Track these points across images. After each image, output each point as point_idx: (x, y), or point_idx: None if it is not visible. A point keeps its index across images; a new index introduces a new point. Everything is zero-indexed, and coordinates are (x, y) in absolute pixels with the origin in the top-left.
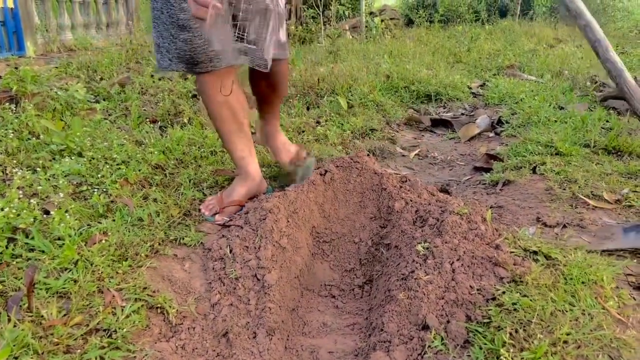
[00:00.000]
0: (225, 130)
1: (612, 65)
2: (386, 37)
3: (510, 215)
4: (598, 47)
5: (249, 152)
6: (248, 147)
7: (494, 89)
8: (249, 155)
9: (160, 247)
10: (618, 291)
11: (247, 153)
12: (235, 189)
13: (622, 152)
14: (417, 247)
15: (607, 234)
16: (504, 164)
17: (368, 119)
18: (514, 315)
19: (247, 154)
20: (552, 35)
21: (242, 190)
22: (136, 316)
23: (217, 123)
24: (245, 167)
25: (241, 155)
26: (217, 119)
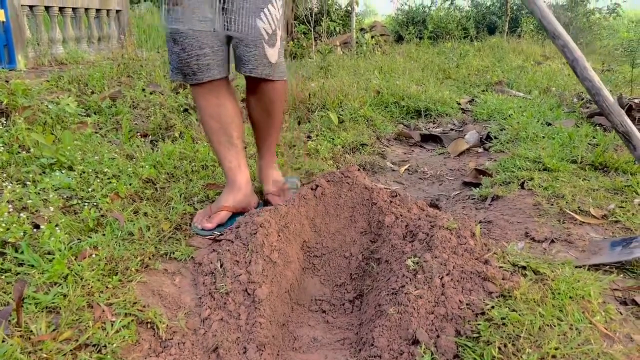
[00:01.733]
0: (215, 140)
1: (589, 84)
2: (376, 53)
3: (499, 230)
4: (576, 66)
5: (237, 163)
6: (237, 158)
7: (483, 104)
8: (237, 166)
9: (151, 261)
10: (605, 306)
11: (236, 164)
12: (222, 197)
13: (609, 168)
14: (407, 261)
15: (595, 249)
16: (492, 179)
17: (358, 133)
18: (502, 330)
19: (236, 165)
20: (540, 52)
21: (229, 197)
22: (126, 331)
23: (208, 133)
24: (233, 177)
25: (229, 166)
26: (208, 129)
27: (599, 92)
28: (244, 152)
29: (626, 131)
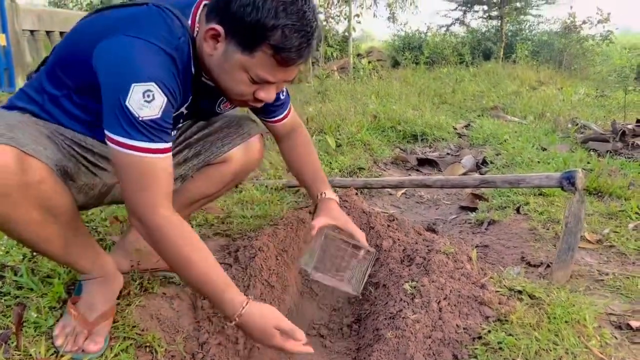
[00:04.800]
0: (55, 246)
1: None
2: (373, 78)
3: (495, 255)
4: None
5: (95, 251)
6: (92, 246)
7: (479, 129)
8: (97, 254)
9: (149, 285)
10: (600, 330)
11: (95, 253)
12: (94, 298)
13: (603, 193)
14: (404, 285)
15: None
16: (488, 203)
17: (356, 157)
18: (499, 354)
19: (95, 254)
20: (535, 77)
21: (107, 295)
22: (125, 355)
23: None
24: (101, 270)
25: (92, 262)
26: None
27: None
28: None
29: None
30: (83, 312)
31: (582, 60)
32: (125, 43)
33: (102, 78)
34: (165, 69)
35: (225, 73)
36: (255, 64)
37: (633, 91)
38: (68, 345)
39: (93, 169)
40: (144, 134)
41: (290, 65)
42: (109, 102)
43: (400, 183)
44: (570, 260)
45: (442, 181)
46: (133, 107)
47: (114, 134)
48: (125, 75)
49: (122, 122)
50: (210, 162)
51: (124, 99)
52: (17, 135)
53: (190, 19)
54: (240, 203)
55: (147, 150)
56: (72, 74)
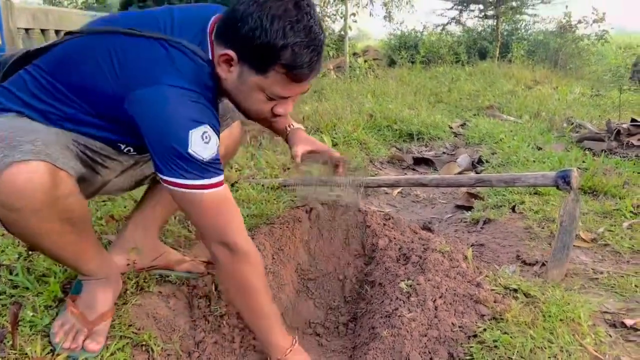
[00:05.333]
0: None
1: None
2: (369, 77)
3: (490, 253)
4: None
5: (102, 255)
6: (97, 246)
7: (474, 128)
8: (100, 254)
9: (145, 284)
10: (595, 328)
11: (101, 257)
12: (97, 297)
13: (598, 192)
14: (400, 284)
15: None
16: (484, 202)
17: (352, 156)
18: (494, 352)
19: (99, 255)
20: (530, 77)
21: (107, 296)
22: (121, 354)
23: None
24: (105, 271)
25: (95, 264)
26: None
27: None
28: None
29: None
30: (83, 311)
31: (578, 60)
32: (166, 93)
33: (147, 128)
34: (208, 109)
35: (242, 94)
36: (270, 83)
37: (628, 90)
38: (66, 343)
39: (97, 168)
40: (212, 171)
41: (304, 80)
42: (165, 152)
43: (396, 182)
44: (566, 259)
45: (438, 180)
46: (197, 152)
47: (184, 179)
48: (179, 125)
49: (188, 167)
50: None
51: (185, 148)
52: (49, 149)
53: (209, 52)
54: (237, 202)
55: (218, 184)
56: (93, 103)
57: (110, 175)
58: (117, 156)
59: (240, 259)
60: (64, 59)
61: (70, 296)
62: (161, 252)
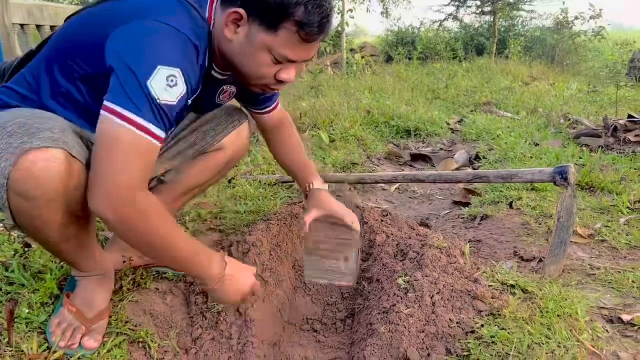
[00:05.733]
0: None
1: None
2: (366, 73)
3: (488, 249)
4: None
5: (99, 252)
6: (93, 243)
7: (472, 125)
8: (99, 254)
9: (142, 280)
10: (592, 324)
11: (98, 253)
12: (94, 295)
13: (595, 188)
14: (398, 280)
15: None
16: (481, 198)
17: (349, 153)
18: (492, 348)
19: (98, 254)
20: (527, 73)
21: (104, 294)
22: (118, 350)
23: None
24: (101, 267)
25: (93, 260)
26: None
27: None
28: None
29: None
30: (80, 308)
31: (574, 56)
32: (153, 26)
33: (118, 56)
34: (190, 58)
35: (248, 57)
36: (279, 42)
37: (625, 87)
38: (63, 341)
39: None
40: (154, 116)
41: (313, 41)
42: (122, 78)
43: (393, 178)
44: (563, 255)
45: (435, 176)
46: (154, 88)
47: (121, 106)
48: (151, 54)
49: (136, 99)
50: (205, 151)
51: (145, 78)
52: (65, 137)
53: (207, 11)
54: (234, 198)
55: (151, 133)
56: (84, 60)
57: None
58: None
59: (135, 214)
60: (63, 37)
61: (66, 293)
62: None
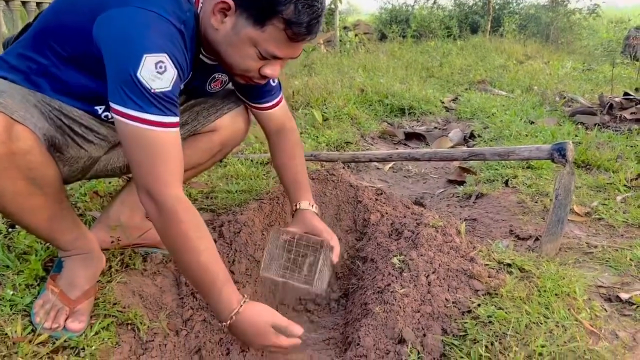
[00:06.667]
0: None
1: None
2: (360, 52)
3: (483, 228)
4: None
5: (77, 225)
6: (75, 221)
7: (466, 103)
8: (78, 228)
9: (131, 261)
10: (590, 303)
11: (78, 229)
12: (78, 274)
13: (591, 166)
14: (392, 259)
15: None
16: (476, 177)
17: (343, 131)
18: (489, 328)
19: (78, 230)
20: (522, 51)
21: (88, 272)
22: (105, 333)
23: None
24: (84, 246)
25: (74, 237)
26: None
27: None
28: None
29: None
30: (64, 289)
31: (569, 34)
32: (135, 13)
33: (106, 47)
34: (176, 42)
35: (233, 48)
36: (265, 38)
37: (621, 64)
38: (47, 322)
39: (80, 141)
40: (156, 106)
41: (300, 40)
42: (116, 73)
43: (388, 156)
44: (560, 233)
45: (431, 154)
46: (145, 78)
47: (123, 105)
48: (136, 45)
49: (132, 94)
50: (198, 132)
51: (134, 70)
52: (6, 101)
53: None
54: (225, 178)
55: (159, 124)
56: (67, 42)
57: (98, 152)
58: (99, 128)
59: (166, 216)
60: (51, 16)
61: (52, 275)
62: (147, 228)
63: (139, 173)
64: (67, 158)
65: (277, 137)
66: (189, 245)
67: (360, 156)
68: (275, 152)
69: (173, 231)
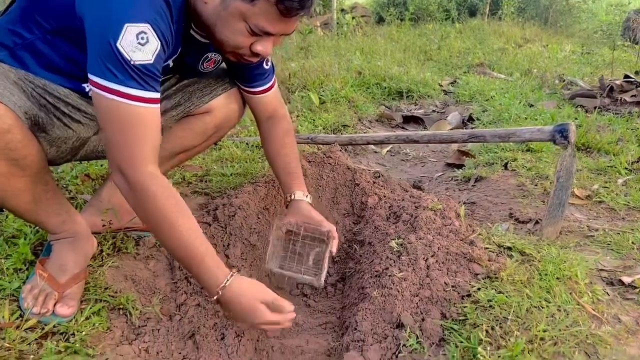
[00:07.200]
0: (23, 201)
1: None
2: (357, 34)
3: (482, 211)
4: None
5: (66, 209)
6: (62, 204)
7: (465, 86)
8: (67, 212)
9: (123, 245)
10: (592, 286)
11: (66, 211)
12: (67, 258)
13: (591, 149)
14: (391, 243)
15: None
16: (475, 160)
17: (340, 115)
18: (489, 312)
19: (66, 211)
20: (520, 34)
21: (78, 257)
22: (96, 318)
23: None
24: (73, 229)
25: (62, 220)
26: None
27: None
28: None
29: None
30: (53, 273)
31: (568, 17)
32: None
33: (87, 16)
34: (161, 13)
35: (223, 23)
36: (256, 12)
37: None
38: (36, 307)
39: (66, 121)
40: (135, 80)
41: (292, 16)
42: (96, 43)
43: (386, 139)
44: (561, 216)
45: (430, 136)
46: (125, 49)
47: (101, 77)
48: (117, 14)
49: (111, 65)
50: (191, 113)
51: (115, 40)
52: None
53: None
54: (220, 161)
55: (138, 98)
56: (51, 15)
57: (87, 132)
58: (87, 108)
59: (139, 193)
60: None
61: (40, 259)
62: None
63: (112, 149)
64: (53, 138)
65: (268, 124)
66: (166, 221)
67: (358, 139)
68: (266, 141)
69: (147, 207)
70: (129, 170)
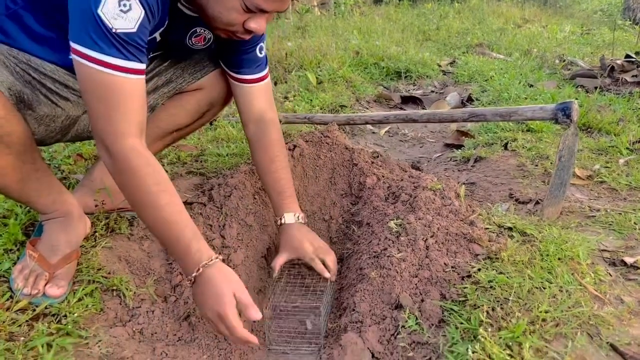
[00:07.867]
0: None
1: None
2: (355, 14)
3: (482, 192)
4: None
5: (58, 189)
6: (52, 183)
7: (464, 66)
8: (59, 192)
9: (116, 225)
10: (594, 267)
11: (57, 191)
12: (58, 238)
13: (592, 129)
14: (389, 223)
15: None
16: (475, 140)
17: (337, 95)
18: (490, 293)
19: (57, 192)
20: (519, 15)
21: (70, 237)
22: (89, 299)
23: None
24: (63, 208)
25: (52, 200)
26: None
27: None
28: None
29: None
30: (44, 253)
31: None
32: None
33: None
34: None
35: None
36: None
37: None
38: (26, 288)
39: (54, 98)
40: (117, 48)
41: None
42: (77, 10)
43: (384, 118)
44: (562, 196)
45: (429, 115)
46: (106, 16)
47: (82, 45)
48: None
49: (91, 32)
50: (183, 90)
51: (95, 6)
52: None
53: None
54: (215, 141)
55: (119, 68)
56: None
57: (76, 110)
58: (75, 84)
59: (120, 167)
60: None
61: (31, 239)
62: None
63: (94, 120)
64: (41, 116)
65: (256, 129)
66: (148, 198)
67: (356, 118)
68: (254, 149)
69: (129, 183)
70: (110, 143)
